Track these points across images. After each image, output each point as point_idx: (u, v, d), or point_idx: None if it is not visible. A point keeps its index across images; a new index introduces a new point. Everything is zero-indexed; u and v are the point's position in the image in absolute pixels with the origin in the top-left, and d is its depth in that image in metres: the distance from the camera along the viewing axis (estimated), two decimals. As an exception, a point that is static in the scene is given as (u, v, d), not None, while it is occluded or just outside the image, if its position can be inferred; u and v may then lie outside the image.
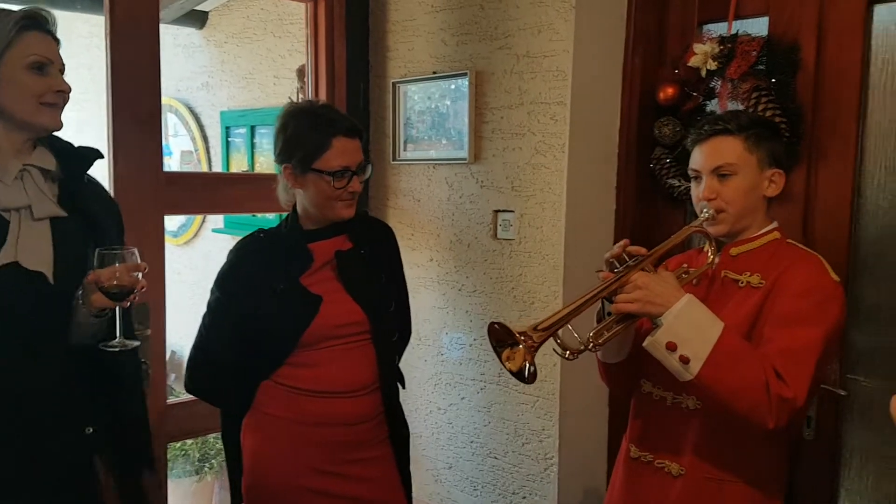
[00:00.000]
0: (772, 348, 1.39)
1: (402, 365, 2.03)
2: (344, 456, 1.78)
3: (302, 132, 1.75)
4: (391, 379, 1.90)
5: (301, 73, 2.83)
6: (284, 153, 1.78)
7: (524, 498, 2.39)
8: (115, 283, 1.37)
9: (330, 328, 1.77)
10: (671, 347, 1.37)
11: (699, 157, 1.55)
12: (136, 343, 1.50)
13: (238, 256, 1.85)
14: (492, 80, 2.38)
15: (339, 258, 1.81)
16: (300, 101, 1.85)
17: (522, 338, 1.35)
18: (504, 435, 2.43)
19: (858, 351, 1.94)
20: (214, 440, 3.46)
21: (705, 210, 1.52)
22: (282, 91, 3.21)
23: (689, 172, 1.60)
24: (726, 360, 1.35)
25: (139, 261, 1.41)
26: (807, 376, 1.36)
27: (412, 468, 1.99)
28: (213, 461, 3.50)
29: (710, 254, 1.54)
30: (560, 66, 2.21)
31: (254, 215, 3.11)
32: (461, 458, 2.58)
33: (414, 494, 1.98)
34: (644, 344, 1.42)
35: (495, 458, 2.47)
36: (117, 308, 1.42)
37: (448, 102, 2.52)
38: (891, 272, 1.89)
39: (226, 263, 1.85)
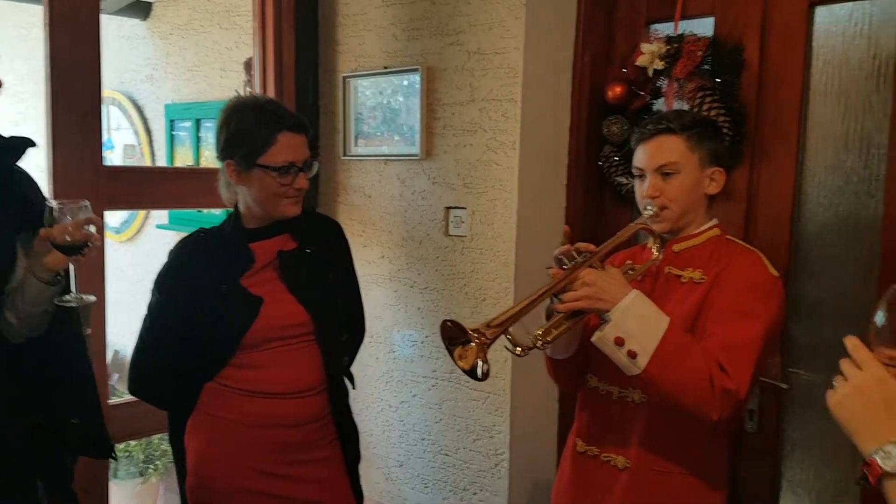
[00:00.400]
0: (715, 342, 1.41)
1: (354, 362, 2.00)
2: (289, 457, 1.75)
3: (246, 127, 1.70)
4: (339, 380, 1.87)
5: (248, 65, 2.78)
6: (227, 149, 1.73)
7: (475, 494, 2.39)
8: (67, 237, 1.38)
9: (272, 330, 1.73)
10: (619, 342, 1.39)
11: (643, 156, 1.58)
12: (92, 298, 1.50)
13: (177, 257, 1.80)
14: (443, 76, 2.37)
15: (282, 258, 1.76)
16: (244, 95, 1.80)
17: (475, 335, 1.35)
18: (455, 432, 2.43)
19: (800, 345, 1.99)
20: (159, 441, 3.40)
21: (649, 207, 1.55)
22: (228, 84, 3.14)
23: (634, 171, 1.62)
24: (672, 355, 1.37)
25: (91, 214, 1.41)
26: (749, 369, 1.39)
27: (363, 467, 1.97)
28: (157, 462, 3.43)
29: (654, 250, 1.57)
30: (511, 64, 2.21)
31: (199, 211, 3.04)
32: (412, 456, 2.57)
33: (365, 493, 1.96)
34: (593, 339, 1.43)
35: (446, 454, 2.47)
36: (70, 266, 1.43)
37: (400, 98, 2.50)
38: (830, 269, 1.95)
39: (165, 264, 1.81)
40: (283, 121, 1.71)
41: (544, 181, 2.30)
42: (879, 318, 1.00)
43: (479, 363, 1.37)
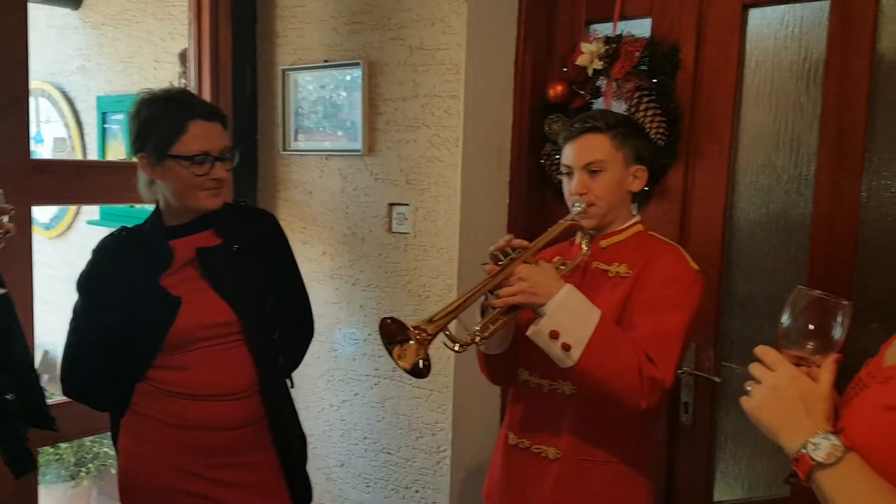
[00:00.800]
0: (641, 333, 1.46)
1: None
2: (219, 460, 1.71)
3: (155, 117, 1.64)
4: (274, 381, 1.80)
5: (183, 57, 2.70)
6: (138, 141, 1.67)
7: (417, 492, 2.39)
8: None
9: (195, 330, 1.67)
10: (554, 336, 1.42)
11: (571, 154, 1.62)
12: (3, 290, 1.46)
13: (98, 257, 1.74)
14: (385, 71, 2.35)
15: (202, 255, 1.70)
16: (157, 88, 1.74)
17: (417, 331, 1.35)
18: (398, 430, 2.42)
19: (732, 340, 2.05)
20: (91, 443, 3.30)
21: (577, 204, 1.59)
22: (163, 76, 3.05)
23: (562, 168, 1.66)
24: (604, 347, 1.41)
25: (4, 203, 1.36)
26: (674, 358, 1.46)
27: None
28: (89, 465, 3.32)
29: (583, 246, 1.61)
30: (453, 60, 2.21)
31: (132, 206, 2.95)
32: (354, 455, 2.55)
33: (306, 496, 1.93)
34: (528, 333, 1.46)
35: (388, 453, 2.45)
36: None
37: (342, 93, 2.47)
38: (762, 265, 2.01)
39: (87, 264, 1.74)
40: (195, 109, 1.65)
41: (487, 178, 2.31)
42: (786, 319, 1.02)
43: (420, 360, 1.37)
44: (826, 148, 1.87)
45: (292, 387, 1.93)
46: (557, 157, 2.25)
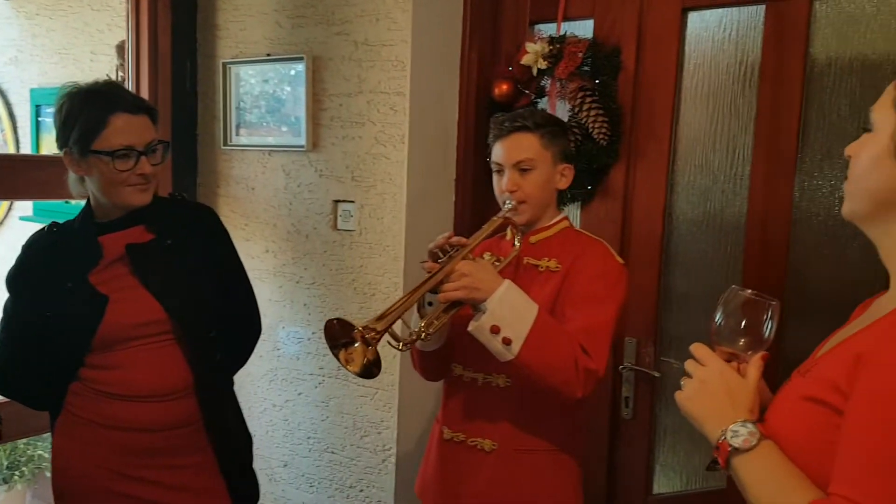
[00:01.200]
0: (574, 326, 1.52)
1: None
2: (151, 462, 1.67)
3: (77, 111, 1.58)
4: (211, 381, 1.75)
5: (121, 49, 2.62)
6: (62, 136, 1.61)
7: (361, 491, 2.37)
8: None
9: (125, 328, 1.63)
10: (495, 331, 1.45)
11: (501, 152, 1.65)
12: None
13: (26, 254, 1.69)
14: (330, 66, 2.33)
15: (132, 251, 1.65)
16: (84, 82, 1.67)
17: (366, 331, 1.36)
18: (342, 429, 2.40)
19: (671, 335, 2.10)
20: (25, 446, 3.19)
21: (508, 201, 1.63)
22: (100, 68, 2.95)
23: (492, 166, 1.70)
24: (542, 340, 1.46)
25: None
26: (606, 349, 1.52)
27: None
28: (23, 469, 3.21)
29: (516, 241, 1.65)
30: (399, 56, 2.20)
31: (67, 202, 2.85)
32: (297, 455, 2.51)
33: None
34: (469, 329, 1.48)
35: (333, 452, 2.43)
36: None
37: (287, 88, 2.43)
38: (699, 263, 2.06)
39: (16, 261, 1.69)
40: (118, 102, 1.59)
41: (434, 176, 2.31)
42: (719, 317, 1.06)
43: (365, 360, 1.39)
44: (761, 149, 1.92)
45: (232, 385, 1.89)
46: (502, 155, 2.27)
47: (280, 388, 2.54)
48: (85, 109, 1.58)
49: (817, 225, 1.88)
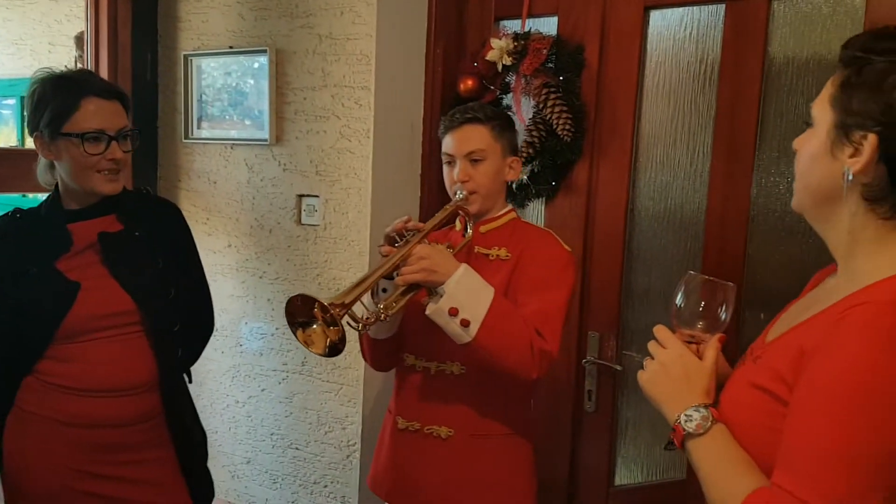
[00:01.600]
0: (528, 310, 1.56)
1: None
2: (114, 458, 1.64)
3: (49, 94, 1.58)
4: (173, 376, 1.74)
5: (80, 40, 2.57)
6: (33, 120, 1.60)
7: (325, 487, 2.36)
8: None
9: (92, 318, 1.60)
10: (453, 313, 1.48)
11: (452, 143, 1.69)
12: None
13: None
14: (294, 60, 2.31)
15: (104, 240, 1.64)
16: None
17: (332, 307, 1.36)
18: (306, 425, 2.39)
19: (632, 329, 2.13)
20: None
21: (459, 192, 1.67)
22: (58, 59, 2.88)
23: (443, 157, 1.73)
24: (499, 321, 1.49)
25: None
26: (558, 331, 1.57)
27: (208, 466, 1.88)
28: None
29: (468, 229, 1.69)
30: (364, 51, 2.19)
31: (24, 195, 2.78)
32: (260, 452, 2.49)
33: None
34: (427, 312, 1.51)
35: (297, 448, 2.41)
36: None
37: (251, 81, 2.40)
38: (660, 258, 2.09)
39: None
40: (90, 86, 1.59)
41: (399, 170, 2.30)
42: (679, 300, 1.11)
43: (332, 341, 1.40)
44: (720, 146, 1.96)
45: (190, 382, 1.87)
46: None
47: (243, 384, 2.51)
48: (57, 93, 1.58)
49: (774, 220, 1.92)
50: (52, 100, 1.57)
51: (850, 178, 0.93)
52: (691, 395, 1.01)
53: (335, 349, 1.40)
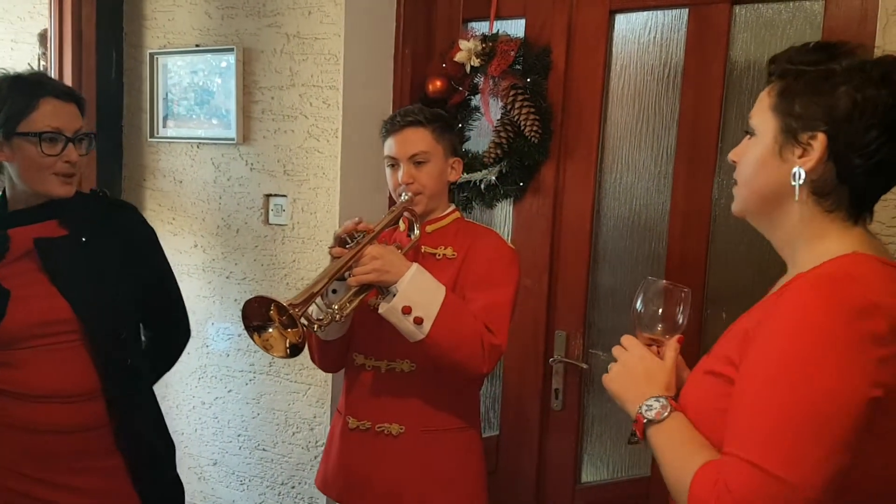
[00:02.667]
0: (476, 306, 1.60)
1: None
2: (59, 465, 1.59)
3: (4, 94, 1.55)
4: (119, 386, 1.64)
5: (44, 37, 2.53)
6: None
7: (293, 487, 2.35)
8: None
9: (26, 327, 1.54)
10: (406, 311, 1.50)
11: (395, 146, 1.71)
12: None
13: None
14: (261, 59, 2.30)
15: (40, 246, 1.58)
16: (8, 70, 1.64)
17: (291, 308, 1.36)
18: (273, 426, 2.37)
19: (598, 328, 2.15)
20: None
21: (404, 194, 1.69)
22: (20, 57, 2.83)
23: (386, 161, 1.75)
24: (451, 318, 1.53)
25: None
26: (506, 326, 1.61)
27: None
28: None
29: (416, 230, 1.72)
30: (332, 50, 2.19)
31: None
32: (227, 453, 2.47)
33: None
34: (380, 310, 1.53)
35: (264, 449, 2.40)
36: None
37: (216, 79, 2.39)
38: (625, 259, 2.12)
39: None
40: (47, 87, 1.57)
41: (367, 170, 2.30)
42: (638, 306, 1.16)
43: (287, 342, 1.40)
44: (683, 149, 1.99)
45: (149, 390, 1.81)
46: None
47: (209, 385, 2.49)
48: (13, 93, 1.55)
49: (735, 221, 1.94)
50: (7, 99, 1.54)
51: (803, 176, 0.98)
52: (651, 389, 1.06)
53: (296, 349, 1.40)
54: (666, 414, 1.02)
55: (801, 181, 0.98)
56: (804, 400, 0.87)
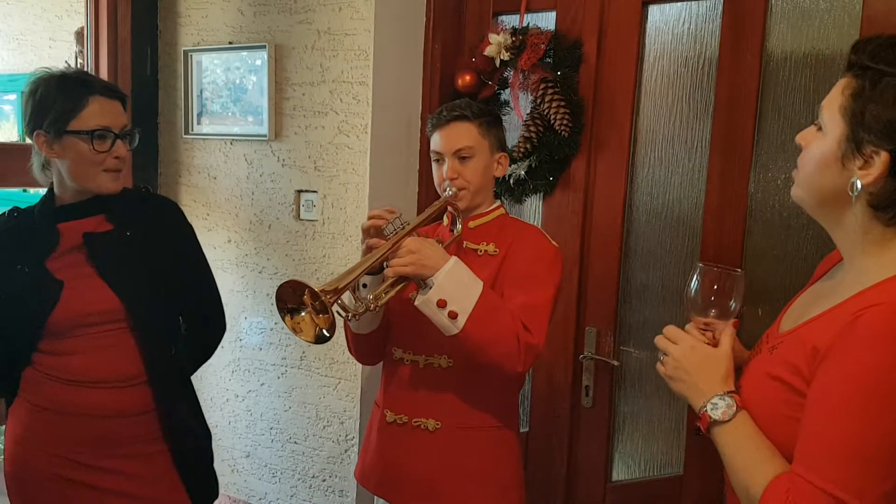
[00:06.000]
0: (515, 304, 1.57)
1: None
2: (108, 450, 1.67)
3: (54, 93, 1.61)
4: (164, 372, 1.74)
5: (80, 35, 2.58)
6: (35, 119, 1.62)
7: (324, 481, 2.37)
8: None
9: (77, 316, 1.63)
10: (441, 305, 1.49)
11: (441, 141, 1.70)
12: None
13: None
14: (293, 55, 2.31)
15: (89, 240, 1.66)
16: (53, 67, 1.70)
17: (323, 294, 1.38)
18: (305, 419, 2.40)
19: (629, 325, 2.12)
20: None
21: (449, 189, 1.67)
22: (58, 55, 2.90)
23: (432, 155, 1.74)
24: (487, 314, 1.51)
25: None
26: (545, 325, 1.58)
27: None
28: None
29: (458, 224, 1.70)
30: (362, 46, 2.19)
31: (25, 190, 2.80)
32: (260, 446, 2.50)
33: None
34: (416, 303, 1.52)
35: (295, 443, 2.42)
36: None
37: (249, 76, 2.41)
38: (657, 254, 2.08)
39: None
40: (94, 85, 1.64)
41: (397, 166, 2.31)
42: (692, 290, 1.16)
43: (318, 328, 1.41)
44: (718, 142, 1.95)
45: (188, 381, 1.88)
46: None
47: (242, 378, 2.52)
48: (62, 92, 1.60)
49: (772, 215, 1.92)
50: (57, 99, 1.60)
51: (860, 187, 0.97)
52: (711, 383, 1.07)
53: (323, 337, 1.41)
54: (732, 413, 1.03)
55: (858, 191, 0.97)
56: (876, 431, 0.89)
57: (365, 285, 1.59)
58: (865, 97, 0.96)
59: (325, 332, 1.41)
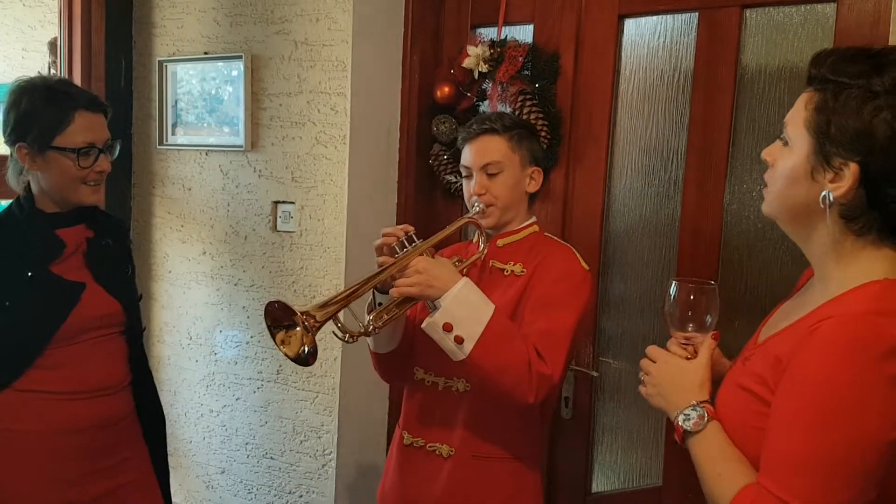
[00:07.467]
0: (532, 330, 1.48)
1: (170, 366, 1.94)
2: (97, 464, 1.67)
3: (39, 106, 1.59)
4: (143, 374, 1.82)
5: (54, 46, 2.54)
6: (17, 131, 1.60)
7: (301, 496, 2.33)
8: None
9: (90, 319, 1.66)
10: (447, 329, 1.41)
11: (469, 155, 1.63)
12: None
13: None
14: (269, 66, 2.30)
15: (90, 246, 1.69)
16: (34, 75, 1.67)
17: (304, 317, 1.32)
18: (281, 434, 2.36)
19: (608, 336, 2.13)
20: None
21: (476, 205, 1.61)
22: (31, 65, 2.85)
23: (462, 170, 1.67)
24: (495, 341, 1.42)
25: None
26: (563, 355, 1.48)
27: (181, 476, 1.87)
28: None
29: (481, 244, 1.63)
30: (340, 57, 2.18)
31: (-6, 202, 2.75)
32: (235, 462, 2.46)
33: (183, 504, 1.87)
34: (423, 325, 1.45)
35: (272, 458, 2.39)
36: None
37: (230, 88, 2.39)
38: (635, 265, 2.09)
39: None
40: (78, 99, 1.63)
41: (375, 177, 2.30)
42: (669, 307, 1.18)
43: (305, 348, 1.34)
44: (694, 154, 1.97)
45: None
46: (445, 157, 2.28)
47: (217, 392, 2.48)
48: (47, 105, 1.59)
49: (747, 227, 1.93)
50: (42, 113, 1.58)
51: (831, 200, 0.97)
52: (686, 394, 1.09)
53: (304, 358, 1.35)
54: (704, 423, 1.04)
55: (830, 204, 0.97)
56: (832, 442, 0.90)
57: (380, 304, 1.52)
58: (829, 110, 0.96)
59: (305, 354, 1.34)
